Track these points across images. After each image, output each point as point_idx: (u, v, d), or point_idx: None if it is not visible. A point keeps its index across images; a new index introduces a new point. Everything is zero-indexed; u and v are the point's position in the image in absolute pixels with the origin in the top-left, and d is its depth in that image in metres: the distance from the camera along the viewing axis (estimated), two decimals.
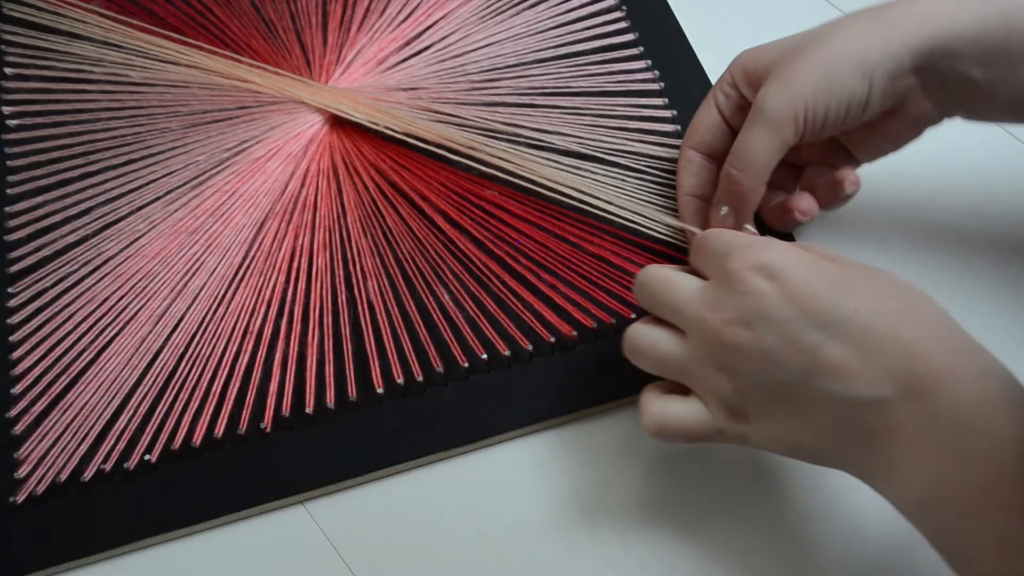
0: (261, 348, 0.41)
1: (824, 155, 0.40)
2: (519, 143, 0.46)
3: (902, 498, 0.29)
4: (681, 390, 0.34)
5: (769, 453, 0.36)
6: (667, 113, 0.47)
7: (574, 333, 0.40)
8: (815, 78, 0.35)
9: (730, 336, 0.30)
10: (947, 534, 0.28)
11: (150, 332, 0.42)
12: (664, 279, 0.34)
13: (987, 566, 0.27)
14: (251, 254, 0.44)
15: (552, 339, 0.40)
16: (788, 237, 0.42)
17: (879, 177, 0.42)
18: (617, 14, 0.51)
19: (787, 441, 0.31)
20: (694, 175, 0.41)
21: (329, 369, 0.40)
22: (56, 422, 0.40)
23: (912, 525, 0.29)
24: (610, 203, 0.43)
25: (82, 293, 0.43)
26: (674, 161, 0.45)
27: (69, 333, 0.42)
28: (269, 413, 0.39)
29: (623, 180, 0.44)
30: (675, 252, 0.42)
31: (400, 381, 0.40)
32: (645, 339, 0.34)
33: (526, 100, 0.47)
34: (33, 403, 0.40)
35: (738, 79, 0.39)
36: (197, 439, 0.39)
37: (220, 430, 0.39)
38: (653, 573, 0.36)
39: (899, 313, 0.29)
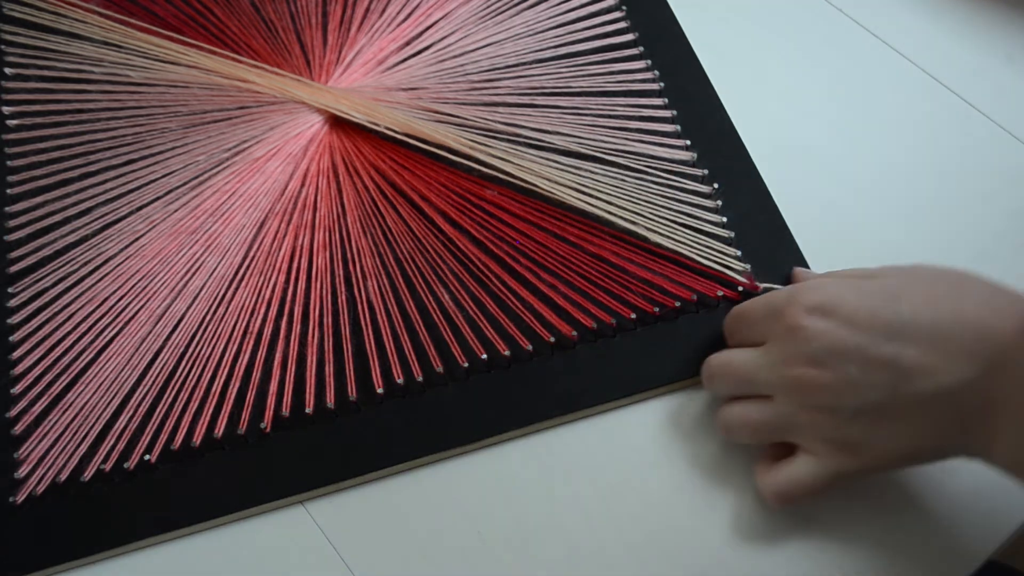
0: (261, 348, 0.41)
1: None
2: (519, 143, 0.46)
3: (1009, 462, 0.31)
4: (787, 456, 0.35)
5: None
6: (667, 113, 0.47)
7: (574, 333, 0.40)
8: None
9: (813, 380, 0.32)
10: None
11: (150, 332, 0.42)
12: (727, 363, 0.36)
13: None
14: (251, 254, 0.44)
15: (552, 339, 0.40)
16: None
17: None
18: (617, 14, 0.51)
19: (900, 453, 0.33)
20: None
21: (329, 369, 0.40)
22: (56, 422, 0.40)
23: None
24: (610, 203, 0.43)
25: (82, 293, 0.43)
26: (674, 161, 0.45)
27: (69, 333, 0.42)
28: (269, 413, 0.39)
29: (623, 180, 0.44)
30: (674, 253, 0.42)
31: (400, 381, 0.40)
32: (737, 414, 0.36)
33: (526, 100, 0.47)
34: (33, 403, 0.40)
35: None
36: (197, 439, 0.39)
37: (220, 430, 0.39)
38: (653, 573, 0.36)
39: (951, 298, 0.31)
